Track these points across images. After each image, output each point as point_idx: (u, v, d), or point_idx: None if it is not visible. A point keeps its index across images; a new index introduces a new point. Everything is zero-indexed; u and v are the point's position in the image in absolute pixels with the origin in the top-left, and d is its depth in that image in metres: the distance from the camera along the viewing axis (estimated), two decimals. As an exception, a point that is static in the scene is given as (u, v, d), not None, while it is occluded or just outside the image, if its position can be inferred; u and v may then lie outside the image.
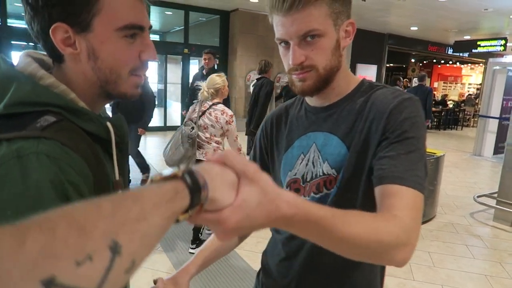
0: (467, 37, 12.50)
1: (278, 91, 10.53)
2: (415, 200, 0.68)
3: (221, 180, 0.43)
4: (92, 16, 0.61)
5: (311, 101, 0.92)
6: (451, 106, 13.71)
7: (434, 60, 18.99)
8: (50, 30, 0.60)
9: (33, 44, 6.94)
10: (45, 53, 0.68)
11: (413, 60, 18.78)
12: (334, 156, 0.84)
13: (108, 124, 0.67)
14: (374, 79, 12.50)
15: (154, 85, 12.46)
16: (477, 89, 17.69)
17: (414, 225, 0.65)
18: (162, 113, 10.30)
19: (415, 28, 11.48)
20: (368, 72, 12.39)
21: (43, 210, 0.50)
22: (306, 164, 0.89)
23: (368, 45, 12.00)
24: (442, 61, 19.08)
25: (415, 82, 12.24)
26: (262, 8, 9.66)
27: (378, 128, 0.78)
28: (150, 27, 0.68)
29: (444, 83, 19.14)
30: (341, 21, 0.80)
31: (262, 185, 0.46)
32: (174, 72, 11.99)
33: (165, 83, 10.46)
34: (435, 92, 16.31)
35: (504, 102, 7.68)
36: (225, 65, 10.35)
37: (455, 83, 19.26)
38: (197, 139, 2.92)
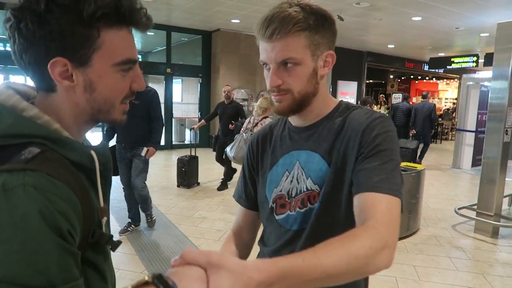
0: (442, 54, 13.00)
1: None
2: (390, 205, 0.74)
3: (188, 278, 0.46)
4: (92, 52, 0.62)
5: (293, 121, 0.98)
6: (429, 120, 14.07)
7: (412, 76, 19.61)
8: (49, 64, 0.60)
9: (11, 66, 6.80)
10: (23, 83, 0.67)
11: (391, 76, 19.33)
12: (316, 172, 0.90)
13: (92, 152, 0.67)
14: (355, 95, 12.78)
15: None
16: (453, 103, 18.28)
17: (390, 228, 0.69)
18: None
19: (392, 46, 11.88)
20: (349, 89, 12.67)
21: (34, 241, 0.50)
22: (291, 181, 0.94)
23: (348, 62, 12.32)
24: (419, 77, 19.71)
25: (398, 98, 12.59)
26: (243, 28, 9.86)
27: (354, 145, 0.85)
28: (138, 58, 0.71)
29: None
30: (320, 52, 0.86)
31: (228, 266, 0.47)
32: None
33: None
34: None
35: (479, 115, 7.96)
36: (208, 83, 10.42)
37: (432, 98, 19.86)
38: None
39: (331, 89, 12.10)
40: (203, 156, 9.04)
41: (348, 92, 12.66)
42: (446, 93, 20.46)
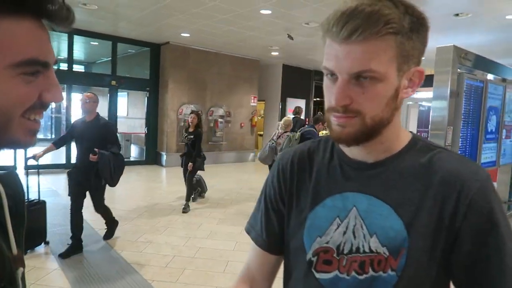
0: (383, 75, 13.80)
1: (212, 125, 10.43)
2: None
3: None
4: None
5: (350, 151, 0.75)
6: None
7: (355, 95, 20.64)
8: None
9: None
10: None
11: (337, 95, 20.17)
12: (386, 230, 0.68)
13: None
14: (303, 113, 13.07)
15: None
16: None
17: None
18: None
19: (338, 66, 12.38)
20: (298, 106, 12.94)
21: None
22: (344, 232, 0.72)
23: (297, 80, 12.61)
24: (362, 96, 20.83)
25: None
26: (193, 42, 9.70)
27: (457, 214, 0.64)
28: (56, 62, 0.54)
29: (365, 116, 20.82)
30: (407, 67, 0.65)
31: None
32: (100, 105, 11.24)
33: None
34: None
35: (418, 133, 8.46)
36: (156, 98, 10.05)
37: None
38: (277, 148, 5.39)
39: (280, 106, 12.28)
40: (150, 173, 8.64)
41: (297, 109, 12.91)
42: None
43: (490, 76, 4.03)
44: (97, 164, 3.64)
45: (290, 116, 7.61)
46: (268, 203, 0.84)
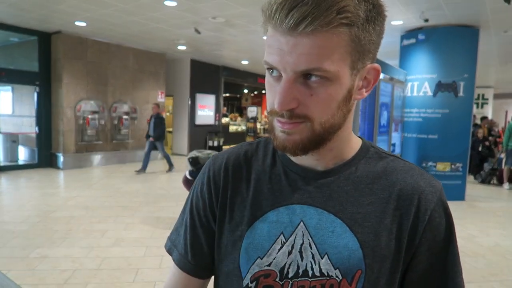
0: (288, 72, 14.46)
1: (116, 122, 9.70)
2: None
3: None
4: None
5: (296, 157, 0.64)
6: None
7: (263, 91, 21.29)
8: None
9: None
10: None
11: (246, 91, 20.57)
12: (339, 250, 0.59)
13: None
14: (213, 108, 13.00)
15: None
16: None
17: None
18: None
19: (246, 62, 12.59)
20: (207, 102, 12.83)
21: None
22: (289, 252, 0.61)
23: (206, 76, 12.48)
24: (270, 92, 21.60)
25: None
26: (90, 32, 8.86)
27: (416, 231, 0.59)
28: None
29: (272, 111, 21.65)
30: (362, 64, 0.56)
31: None
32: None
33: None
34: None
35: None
36: (48, 93, 8.96)
37: (281, 111, 21.94)
38: None
39: (189, 102, 12.02)
40: (44, 177, 7.68)
41: (207, 105, 12.80)
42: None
43: (381, 75, 4.50)
44: None
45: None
46: (195, 217, 0.70)
